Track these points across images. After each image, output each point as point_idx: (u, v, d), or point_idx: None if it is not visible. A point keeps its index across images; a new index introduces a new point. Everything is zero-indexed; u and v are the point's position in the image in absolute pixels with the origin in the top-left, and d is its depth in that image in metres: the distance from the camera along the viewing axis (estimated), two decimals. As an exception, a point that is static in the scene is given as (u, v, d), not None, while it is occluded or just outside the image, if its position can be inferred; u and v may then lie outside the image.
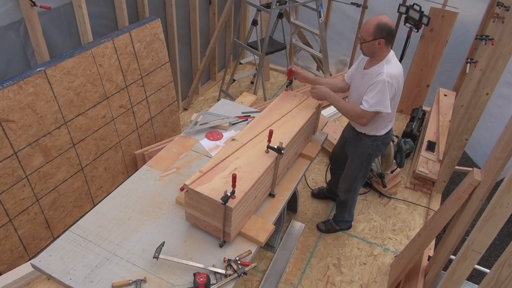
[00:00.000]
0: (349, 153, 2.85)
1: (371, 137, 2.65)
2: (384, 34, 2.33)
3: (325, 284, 2.88)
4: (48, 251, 2.03)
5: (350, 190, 2.95)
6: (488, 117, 4.23)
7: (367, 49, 2.41)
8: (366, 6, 4.84)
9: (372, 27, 2.32)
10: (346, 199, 3.01)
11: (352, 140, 2.77)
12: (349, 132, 2.83)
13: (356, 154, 2.78)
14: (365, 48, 2.41)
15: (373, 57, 2.45)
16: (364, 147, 2.69)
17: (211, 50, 4.66)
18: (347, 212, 3.13)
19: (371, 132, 2.63)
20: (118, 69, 3.08)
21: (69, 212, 3.02)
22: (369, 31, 2.33)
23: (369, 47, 2.39)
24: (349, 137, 2.82)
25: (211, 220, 2.08)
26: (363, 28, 2.37)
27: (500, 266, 1.63)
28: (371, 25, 2.33)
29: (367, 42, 2.36)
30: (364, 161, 2.76)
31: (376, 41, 2.34)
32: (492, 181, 1.99)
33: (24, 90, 2.43)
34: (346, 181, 2.92)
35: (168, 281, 1.94)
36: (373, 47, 2.37)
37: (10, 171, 2.48)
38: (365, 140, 2.67)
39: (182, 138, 2.87)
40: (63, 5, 2.85)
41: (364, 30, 2.35)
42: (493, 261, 3.42)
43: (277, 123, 2.55)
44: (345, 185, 2.95)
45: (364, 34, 2.36)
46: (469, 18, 4.41)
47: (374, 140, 2.66)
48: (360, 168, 2.81)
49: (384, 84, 2.34)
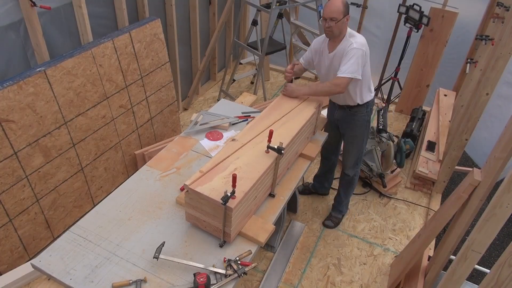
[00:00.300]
0: (348, 130, 2.95)
1: (364, 105, 2.78)
2: (348, 11, 2.51)
3: (325, 284, 2.88)
4: (48, 251, 2.03)
5: (357, 163, 3.08)
6: (488, 117, 4.23)
7: (338, 28, 2.49)
8: (366, 6, 4.84)
9: (342, 5, 2.45)
10: (354, 174, 3.13)
11: (348, 118, 2.88)
12: (338, 112, 2.92)
13: (356, 126, 2.89)
14: (336, 27, 2.48)
15: (339, 35, 2.55)
16: (361, 116, 2.83)
17: (211, 50, 4.66)
18: (352, 189, 3.25)
19: (364, 101, 2.76)
20: (118, 69, 3.08)
21: (69, 212, 3.02)
22: (340, 10, 2.44)
23: (339, 25, 2.48)
24: (341, 116, 2.92)
25: (211, 220, 2.08)
26: (332, 9, 2.44)
27: (500, 266, 1.63)
28: (338, 3, 2.45)
29: (339, 21, 2.45)
30: (365, 129, 2.91)
31: (345, 17, 2.48)
32: (492, 181, 1.99)
33: (24, 90, 2.43)
34: (352, 156, 3.04)
35: (168, 281, 1.94)
36: (343, 24, 2.49)
37: (10, 171, 2.48)
38: (360, 110, 2.81)
39: (182, 138, 2.87)
40: (63, 5, 2.85)
41: (335, 11, 2.44)
42: (493, 261, 3.42)
43: (277, 123, 2.55)
44: (352, 160, 3.06)
45: (336, 14, 2.44)
46: (469, 18, 4.41)
47: (367, 106, 2.81)
48: (363, 138, 2.96)
49: (357, 52, 2.48)
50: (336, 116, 2.96)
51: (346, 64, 2.49)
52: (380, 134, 3.58)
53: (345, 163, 3.11)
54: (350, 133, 2.95)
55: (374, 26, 4.97)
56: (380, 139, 3.56)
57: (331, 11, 2.44)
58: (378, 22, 4.93)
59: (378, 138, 3.59)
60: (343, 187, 3.24)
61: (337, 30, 2.50)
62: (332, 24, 2.46)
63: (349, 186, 3.22)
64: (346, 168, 3.11)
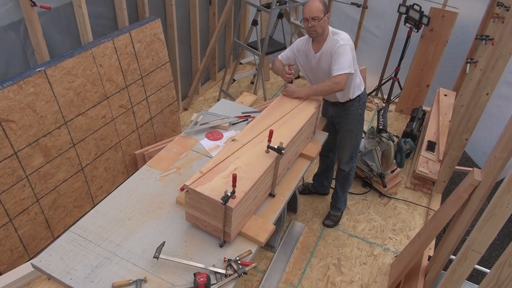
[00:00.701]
0: (342, 125, 2.98)
1: (356, 98, 2.82)
2: (327, 9, 2.56)
3: (325, 284, 2.88)
4: (48, 251, 2.03)
5: (352, 158, 3.09)
6: (488, 117, 4.23)
7: (320, 26, 2.54)
8: (366, 6, 4.84)
9: (321, 4, 2.51)
10: (350, 169, 3.14)
11: (341, 113, 2.92)
12: (332, 109, 2.97)
13: (350, 121, 2.92)
14: (319, 26, 2.52)
15: (323, 34, 2.59)
16: (354, 110, 2.87)
17: (211, 50, 4.66)
18: (349, 184, 3.27)
19: (354, 95, 2.80)
20: (118, 69, 3.08)
21: (69, 212, 3.02)
22: (320, 8, 2.49)
23: (321, 24, 2.53)
24: (335, 112, 2.97)
25: (211, 220, 2.08)
26: (312, 9, 2.49)
27: (500, 266, 1.63)
28: (317, 3, 2.50)
29: (321, 19, 2.50)
30: (358, 123, 2.94)
31: (325, 15, 2.54)
32: (492, 181, 1.99)
33: (24, 90, 2.43)
34: (347, 151, 3.06)
35: (168, 281, 1.94)
36: (324, 22, 2.55)
37: (10, 171, 2.48)
38: (353, 105, 2.85)
39: (182, 138, 2.87)
40: (63, 5, 2.85)
41: (315, 10, 2.49)
42: (493, 261, 3.42)
43: (277, 123, 2.55)
44: (347, 155, 3.07)
45: (317, 13, 2.49)
46: (469, 18, 4.41)
47: (359, 100, 2.84)
48: (357, 132, 2.98)
49: (344, 48, 2.52)
50: (330, 113, 3.01)
51: (339, 61, 2.53)
52: (380, 134, 3.58)
53: (340, 158, 3.13)
54: (344, 128, 2.97)
55: (374, 26, 4.97)
56: (380, 139, 3.56)
57: (311, 11, 2.50)
58: (378, 22, 4.93)
59: (378, 138, 3.59)
60: (339, 182, 3.25)
61: (320, 29, 2.55)
62: (315, 23, 2.51)
63: (345, 182, 3.23)
64: (342, 163, 3.13)
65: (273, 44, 4.68)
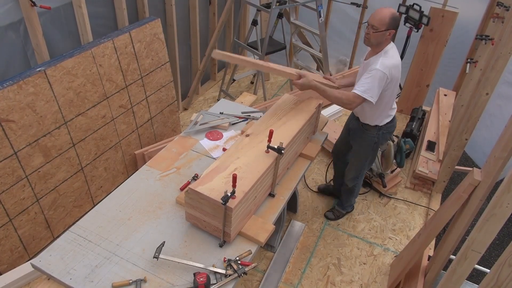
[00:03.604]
0: (355, 143, 2.91)
1: (375, 127, 2.71)
2: (395, 26, 2.37)
3: (325, 284, 2.88)
4: (48, 251, 2.03)
5: (358, 177, 3.05)
6: (488, 117, 4.23)
7: (376, 39, 2.40)
8: (366, 6, 4.84)
9: (388, 17, 2.33)
10: (354, 185, 3.11)
11: (357, 130, 2.82)
12: (353, 122, 2.88)
13: (363, 143, 2.83)
14: (374, 37, 2.39)
15: (377, 47, 2.46)
16: (370, 136, 2.76)
17: (211, 50, 4.66)
18: (354, 196, 3.26)
19: (374, 123, 2.69)
20: (118, 69, 3.08)
21: (69, 212, 3.02)
22: (384, 21, 2.33)
23: (378, 37, 2.38)
24: (353, 127, 2.87)
25: (211, 220, 2.08)
26: (377, 17, 2.35)
27: (500, 266, 1.63)
28: (386, 15, 2.33)
29: (379, 32, 2.36)
30: (371, 150, 2.84)
31: (387, 31, 2.36)
32: (492, 181, 1.99)
33: (24, 90, 2.43)
34: (354, 170, 3.00)
35: (168, 281, 1.94)
36: (383, 37, 2.39)
37: (10, 171, 2.48)
38: (370, 130, 2.73)
39: (182, 138, 2.87)
40: (63, 5, 2.85)
41: (378, 20, 2.34)
42: (493, 261, 3.42)
43: (277, 123, 2.55)
44: (353, 173, 3.03)
45: (378, 23, 2.34)
46: (469, 18, 4.41)
47: (379, 130, 2.72)
48: (366, 157, 2.90)
49: (376, 73, 2.37)
50: (350, 125, 2.93)
51: (363, 82, 2.40)
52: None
53: (346, 173, 3.08)
54: (356, 146, 2.92)
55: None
56: (380, 139, 3.56)
57: (374, 18, 2.36)
58: (378, 22, 4.93)
59: (378, 138, 3.60)
60: (344, 194, 3.26)
61: (374, 40, 2.41)
62: (371, 32, 2.37)
63: (349, 194, 3.24)
64: (347, 178, 3.08)
65: (273, 44, 4.68)
